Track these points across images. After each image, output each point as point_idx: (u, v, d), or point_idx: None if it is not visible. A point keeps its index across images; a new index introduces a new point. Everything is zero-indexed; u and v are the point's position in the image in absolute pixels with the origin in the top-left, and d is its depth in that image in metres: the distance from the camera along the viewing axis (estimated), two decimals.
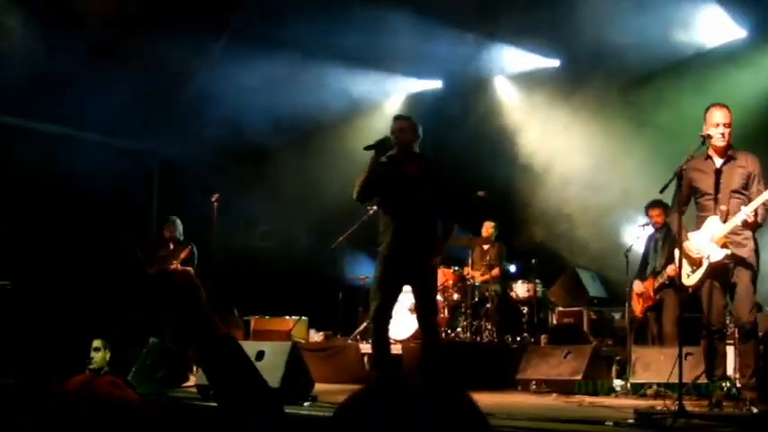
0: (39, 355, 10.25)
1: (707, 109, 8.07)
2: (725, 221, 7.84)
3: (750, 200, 7.79)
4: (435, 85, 17.48)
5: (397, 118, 9.09)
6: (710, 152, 8.08)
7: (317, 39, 14.36)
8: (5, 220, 12.96)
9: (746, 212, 7.61)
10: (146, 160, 15.91)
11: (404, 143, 8.75)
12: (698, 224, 8.16)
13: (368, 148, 8.65)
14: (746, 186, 7.88)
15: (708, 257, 7.94)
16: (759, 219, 7.70)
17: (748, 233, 7.92)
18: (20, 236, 12.84)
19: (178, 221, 12.52)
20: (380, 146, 8.65)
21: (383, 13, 13.97)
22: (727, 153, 8.01)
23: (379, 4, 13.88)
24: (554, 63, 15.95)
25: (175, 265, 11.63)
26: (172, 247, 12.00)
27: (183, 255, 11.75)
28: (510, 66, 16.37)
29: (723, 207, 7.87)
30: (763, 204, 7.67)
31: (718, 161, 8.03)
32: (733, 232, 7.84)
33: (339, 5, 13.94)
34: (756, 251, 7.99)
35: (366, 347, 12.03)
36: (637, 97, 14.09)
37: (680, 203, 8.14)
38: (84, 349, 10.98)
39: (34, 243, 12.99)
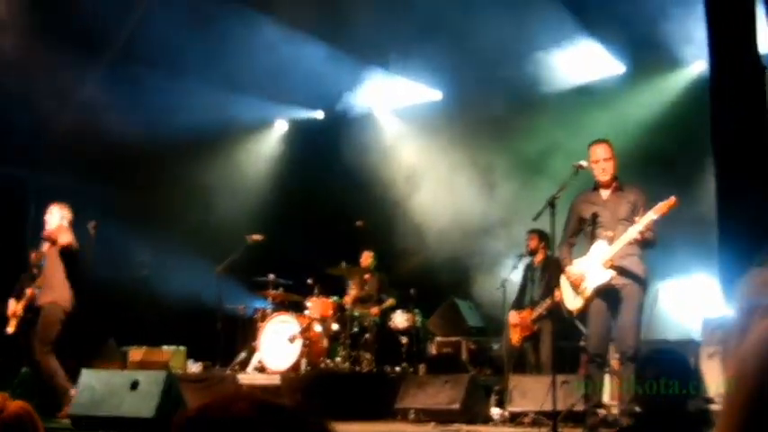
0: None
1: (589, 145, 8.36)
2: (611, 245, 8.04)
3: None
4: (317, 114, 17.54)
5: None
6: (598, 185, 8.36)
7: (200, 62, 14.26)
8: None
9: (637, 229, 7.82)
10: (18, 186, 15.50)
11: None
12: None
13: None
14: (632, 216, 8.10)
15: (591, 280, 8.12)
16: (647, 236, 7.91)
17: (637, 257, 8.12)
18: None
19: None
20: None
21: (268, 39, 13.94)
22: (614, 185, 8.31)
23: (263, 28, 13.84)
24: (436, 95, 16.14)
25: (31, 292, 11.09)
26: (35, 272, 11.49)
27: (38, 282, 11.28)
28: (392, 98, 16.53)
29: (609, 233, 8.11)
30: (650, 230, 7.90)
31: (605, 192, 8.34)
32: (621, 255, 8.03)
33: (223, 28, 13.84)
34: (646, 275, 8.20)
35: (245, 378, 11.92)
36: (516, 129, 14.30)
37: (569, 234, 8.42)
38: None
39: None
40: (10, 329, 10.90)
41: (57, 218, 10.69)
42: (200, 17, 13.46)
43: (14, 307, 10.95)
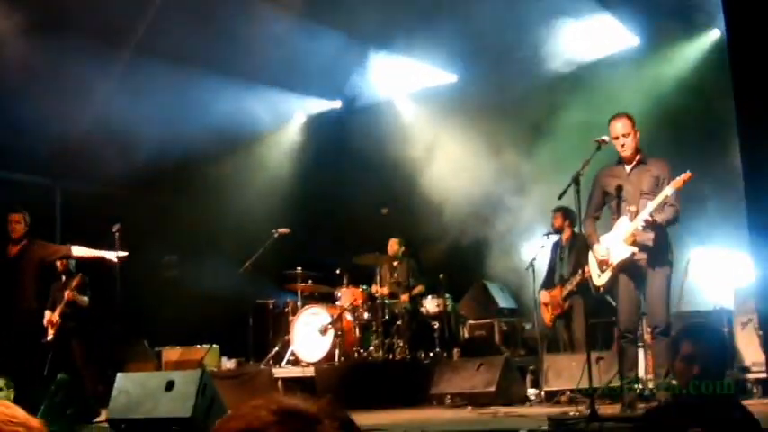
0: None
1: (609, 120, 8.28)
2: (633, 221, 7.98)
3: None
4: (335, 104, 17.51)
5: None
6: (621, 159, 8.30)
7: (216, 58, 14.27)
8: None
9: (649, 210, 7.74)
10: (45, 192, 15.53)
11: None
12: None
13: None
14: (656, 189, 8.02)
15: (614, 256, 8.07)
16: (659, 219, 7.82)
17: (659, 231, 8.05)
18: None
19: None
20: None
21: (282, 32, 13.92)
22: (637, 158, 8.21)
23: (276, 21, 13.82)
24: (452, 78, 16.08)
25: (69, 294, 11.24)
26: (64, 279, 11.62)
27: (74, 283, 11.39)
28: (408, 82, 16.47)
29: (632, 208, 8.04)
30: (671, 204, 7.82)
31: (629, 166, 8.25)
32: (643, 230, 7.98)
33: (239, 24, 13.84)
34: (669, 249, 8.12)
35: (280, 371, 11.94)
36: (535, 107, 14.23)
37: (594, 208, 8.36)
38: None
39: None
40: (49, 338, 11.02)
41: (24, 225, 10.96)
42: (211, 16, 13.47)
43: (50, 316, 11.09)
